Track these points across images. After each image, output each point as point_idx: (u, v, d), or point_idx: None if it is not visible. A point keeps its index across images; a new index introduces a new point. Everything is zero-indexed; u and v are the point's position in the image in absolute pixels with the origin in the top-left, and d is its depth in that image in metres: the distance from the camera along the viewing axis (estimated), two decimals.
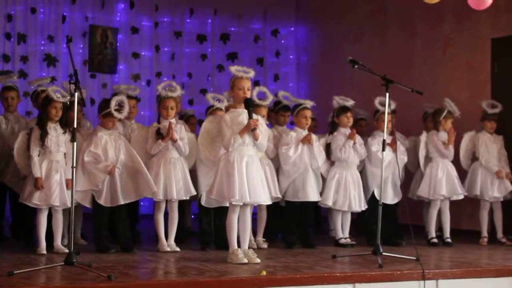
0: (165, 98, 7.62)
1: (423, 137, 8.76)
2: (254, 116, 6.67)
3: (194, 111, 9.94)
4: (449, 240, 8.62)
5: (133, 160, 7.46)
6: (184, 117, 9.01)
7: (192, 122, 9.16)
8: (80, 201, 7.40)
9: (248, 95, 6.74)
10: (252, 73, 6.86)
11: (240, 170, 6.60)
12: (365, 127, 9.23)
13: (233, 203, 6.63)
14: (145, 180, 7.40)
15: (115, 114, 7.39)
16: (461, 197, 8.75)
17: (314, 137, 8.11)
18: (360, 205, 8.31)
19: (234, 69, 6.87)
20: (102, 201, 7.38)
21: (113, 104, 7.40)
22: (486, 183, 8.84)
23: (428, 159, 8.78)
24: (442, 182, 8.58)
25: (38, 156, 7.17)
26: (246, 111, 6.68)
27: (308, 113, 8.14)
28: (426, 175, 8.68)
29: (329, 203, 8.24)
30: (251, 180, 6.63)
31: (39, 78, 9.30)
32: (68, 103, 7.34)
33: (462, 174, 8.96)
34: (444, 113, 8.69)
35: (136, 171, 7.44)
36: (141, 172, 7.42)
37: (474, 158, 9.05)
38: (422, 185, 8.70)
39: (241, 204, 6.65)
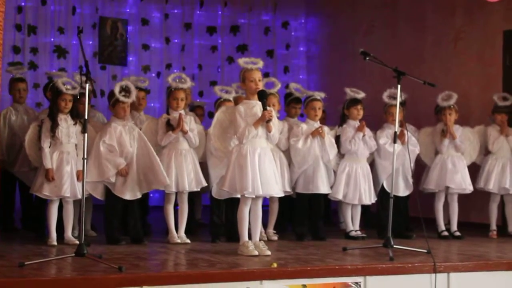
0: (175, 90, 7.61)
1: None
2: (268, 107, 6.65)
3: (206, 103, 9.92)
4: (458, 233, 8.59)
5: (147, 152, 7.46)
6: (190, 108, 9.00)
7: (199, 113, 9.12)
8: (91, 191, 7.41)
9: (260, 86, 6.70)
10: (261, 63, 6.82)
11: (253, 162, 6.58)
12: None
13: (246, 195, 6.62)
14: (156, 172, 7.40)
15: (121, 98, 7.38)
16: (468, 191, 8.70)
17: (326, 129, 8.09)
18: (370, 198, 8.30)
19: (242, 61, 6.84)
20: (126, 195, 7.41)
21: (117, 89, 7.40)
22: (498, 176, 8.79)
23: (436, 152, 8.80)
24: (448, 174, 8.55)
25: (49, 147, 7.18)
26: (259, 102, 6.66)
27: (317, 105, 8.11)
28: (433, 167, 8.66)
29: (340, 196, 8.22)
30: (264, 172, 6.61)
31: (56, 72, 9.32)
32: (77, 94, 7.34)
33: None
34: (438, 107, 8.69)
35: (150, 162, 7.43)
36: (153, 164, 7.41)
37: (486, 152, 9.01)
38: (429, 178, 8.67)
39: (254, 196, 6.64)
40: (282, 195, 7.18)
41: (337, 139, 8.29)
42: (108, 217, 7.48)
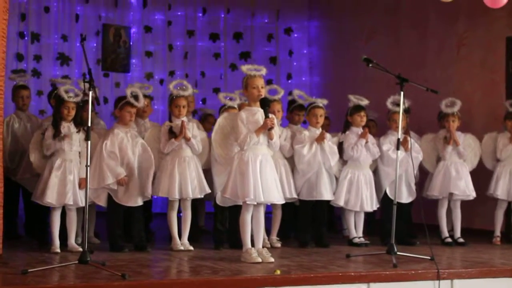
0: (177, 97, 7.61)
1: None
2: (270, 115, 6.65)
3: (215, 111, 9.93)
4: (461, 240, 8.58)
5: (147, 162, 7.49)
6: (202, 116, 9.00)
7: (211, 121, 9.12)
8: (94, 199, 7.41)
9: (262, 93, 6.72)
10: (264, 71, 6.85)
11: (255, 169, 6.59)
12: (373, 128, 9.17)
13: (248, 202, 6.62)
14: (145, 183, 7.48)
15: (132, 101, 7.40)
16: (471, 197, 8.69)
17: (327, 136, 8.08)
18: (372, 205, 8.29)
19: (245, 68, 6.85)
20: (128, 202, 7.42)
21: (128, 93, 7.45)
22: (506, 183, 8.75)
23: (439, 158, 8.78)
24: (452, 181, 8.54)
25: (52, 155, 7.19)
26: (261, 110, 6.67)
27: (319, 112, 8.11)
28: (436, 173, 8.65)
29: (341, 203, 8.21)
30: (265, 179, 6.62)
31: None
32: (81, 102, 7.35)
33: (485, 174, 8.94)
34: (441, 114, 8.69)
35: (146, 175, 7.49)
36: (148, 175, 7.48)
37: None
38: (432, 184, 8.66)
39: (255, 203, 6.64)
40: (283, 202, 7.19)
41: (340, 145, 8.28)
42: (111, 224, 7.48)
